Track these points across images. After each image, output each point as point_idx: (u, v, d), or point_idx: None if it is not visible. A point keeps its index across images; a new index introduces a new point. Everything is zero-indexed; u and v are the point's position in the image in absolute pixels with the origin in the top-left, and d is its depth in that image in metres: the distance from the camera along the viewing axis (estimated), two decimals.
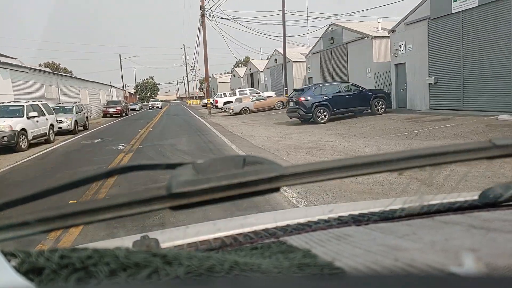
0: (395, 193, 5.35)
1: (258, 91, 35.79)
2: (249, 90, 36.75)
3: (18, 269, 0.44)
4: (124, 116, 39.13)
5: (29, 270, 0.45)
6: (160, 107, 61.48)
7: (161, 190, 0.52)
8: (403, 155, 0.59)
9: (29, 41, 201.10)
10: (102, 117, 38.67)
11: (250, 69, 55.88)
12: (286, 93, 28.69)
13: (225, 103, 33.84)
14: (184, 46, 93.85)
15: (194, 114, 34.29)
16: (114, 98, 51.30)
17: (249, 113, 27.47)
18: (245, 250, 0.78)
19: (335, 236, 0.82)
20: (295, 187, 5.52)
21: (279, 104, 28.75)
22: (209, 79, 79.53)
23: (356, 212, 1.00)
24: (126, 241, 0.83)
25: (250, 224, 1.00)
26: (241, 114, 27.16)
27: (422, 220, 0.89)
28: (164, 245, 0.87)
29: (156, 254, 0.49)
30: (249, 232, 0.93)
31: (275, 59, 45.32)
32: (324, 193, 5.65)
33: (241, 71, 64.98)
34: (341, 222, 0.94)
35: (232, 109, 28.06)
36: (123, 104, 41.71)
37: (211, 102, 32.77)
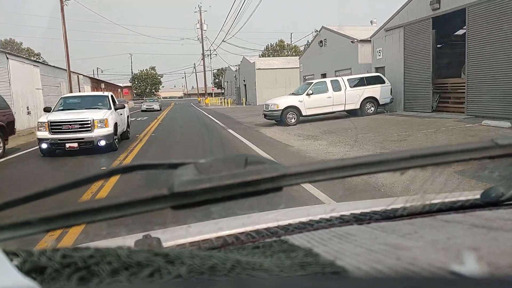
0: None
1: None
2: None
3: (20, 268, 0.45)
4: None
5: (31, 269, 0.45)
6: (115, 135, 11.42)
7: (163, 189, 0.52)
8: (404, 154, 0.59)
9: None
10: None
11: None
12: None
13: None
14: (200, 6, 55.45)
15: None
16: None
17: None
18: (247, 249, 0.78)
19: (337, 235, 0.82)
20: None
21: None
22: (237, 67, 50.88)
23: (358, 211, 1.00)
24: (128, 240, 0.83)
25: (252, 223, 1.00)
26: None
27: (424, 219, 0.89)
28: (166, 244, 0.87)
29: (158, 253, 0.49)
30: (251, 231, 0.93)
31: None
32: None
33: (360, 30, 24.19)
34: (343, 221, 0.94)
35: None
36: None
37: None
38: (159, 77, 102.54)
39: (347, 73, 21.47)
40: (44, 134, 10.77)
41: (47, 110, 12.05)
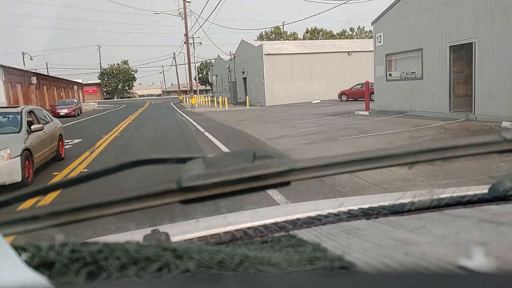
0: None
1: None
2: None
3: (29, 263, 0.45)
4: None
5: (40, 264, 0.45)
6: None
7: (172, 184, 0.52)
8: (413, 149, 0.59)
9: None
10: None
11: None
12: None
13: None
14: None
15: None
16: None
17: None
18: (255, 243, 0.78)
19: (345, 230, 0.82)
20: None
21: None
22: (231, 56, 35.12)
23: (366, 206, 0.99)
24: (137, 235, 0.83)
25: (260, 217, 1.00)
26: None
27: (432, 213, 0.89)
28: (174, 238, 0.87)
29: (166, 248, 0.50)
30: (259, 226, 0.93)
31: None
32: None
33: None
34: (351, 215, 0.94)
35: None
36: None
37: None
38: (133, 72, 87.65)
39: None
40: None
41: None
